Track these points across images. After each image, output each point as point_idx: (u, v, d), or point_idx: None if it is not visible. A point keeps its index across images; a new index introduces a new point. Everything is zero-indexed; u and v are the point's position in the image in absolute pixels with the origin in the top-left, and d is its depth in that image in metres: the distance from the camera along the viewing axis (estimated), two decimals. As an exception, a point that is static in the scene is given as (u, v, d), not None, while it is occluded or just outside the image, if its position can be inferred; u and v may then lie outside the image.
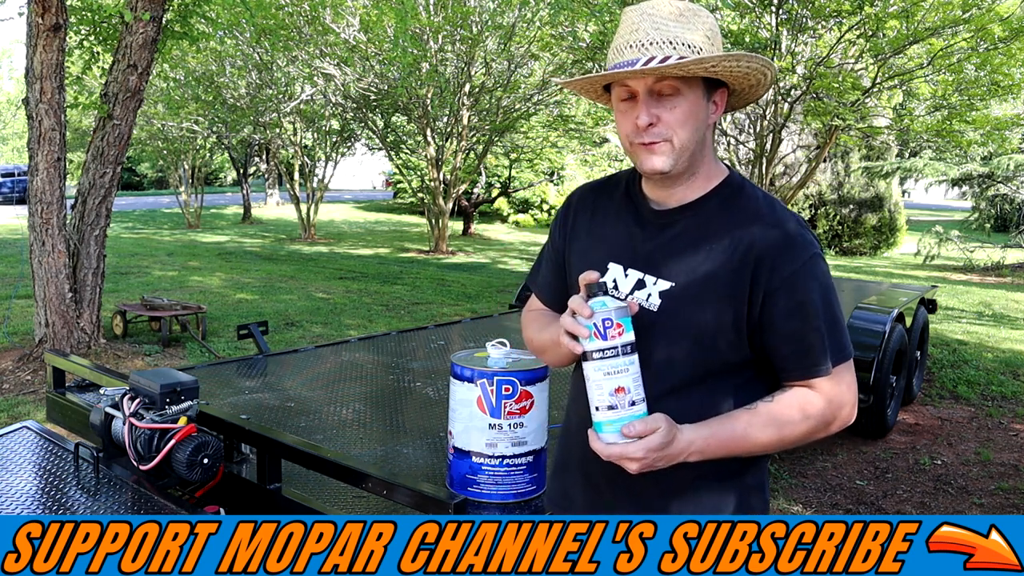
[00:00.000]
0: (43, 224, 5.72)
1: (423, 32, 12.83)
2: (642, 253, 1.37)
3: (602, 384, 1.23)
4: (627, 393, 1.22)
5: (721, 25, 9.70)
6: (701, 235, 1.33)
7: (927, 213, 31.85)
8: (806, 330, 1.29)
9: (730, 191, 1.36)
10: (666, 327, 1.32)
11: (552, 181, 23.24)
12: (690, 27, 1.27)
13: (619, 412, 1.22)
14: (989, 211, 17.68)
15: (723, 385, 1.33)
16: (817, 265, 1.30)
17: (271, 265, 12.97)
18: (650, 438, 1.21)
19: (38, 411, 4.79)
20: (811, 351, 1.29)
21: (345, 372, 3.47)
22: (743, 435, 1.28)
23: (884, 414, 4.81)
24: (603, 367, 1.22)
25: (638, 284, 1.36)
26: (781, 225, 1.30)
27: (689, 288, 1.31)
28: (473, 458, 1.94)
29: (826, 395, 1.30)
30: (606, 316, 1.22)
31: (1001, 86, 9.54)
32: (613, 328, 1.22)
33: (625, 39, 1.28)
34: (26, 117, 5.74)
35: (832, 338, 1.30)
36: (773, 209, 1.33)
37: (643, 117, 1.27)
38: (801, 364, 1.30)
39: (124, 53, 5.92)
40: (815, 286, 1.29)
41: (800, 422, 1.30)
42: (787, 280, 1.27)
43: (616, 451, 1.23)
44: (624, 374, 1.22)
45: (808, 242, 1.30)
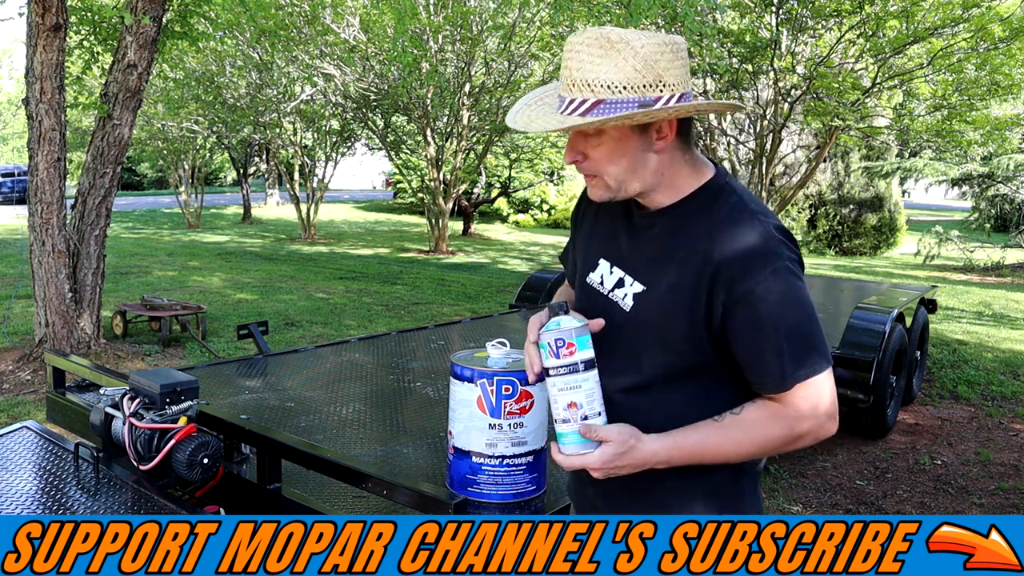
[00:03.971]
0: (43, 224, 5.73)
1: (423, 32, 12.83)
2: (625, 252, 1.40)
3: (557, 399, 1.30)
4: (579, 408, 1.28)
5: (721, 25, 9.70)
6: (670, 241, 1.33)
7: (927, 213, 31.86)
8: (764, 347, 1.26)
9: (709, 195, 1.34)
10: (636, 328, 1.35)
11: (552, 181, 23.25)
12: (616, 63, 1.22)
13: (572, 425, 1.29)
14: (989, 211, 17.66)
15: (693, 387, 1.34)
16: (781, 278, 1.24)
17: (271, 265, 12.97)
18: (604, 448, 1.26)
19: (38, 411, 4.79)
20: (769, 368, 1.27)
21: (345, 372, 3.47)
22: (708, 445, 1.29)
23: (884, 414, 4.81)
24: (557, 383, 1.29)
25: (619, 282, 1.39)
26: (747, 236, 1.27)
27: (655, 294, 1.33)
28: (473, 458, 1.94)
29: (792, 410, 1.28)
30: (558, 336, 1.29)
31: (1001, 86, 9.55)
32: (565, 347, 1.28)
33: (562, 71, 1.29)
34: (26, 117, 5.74)
35: (794, 354, 1.25)
36: (743, 217, 1.29)
37: (568, 155, 1.32)
38: (761, 380, 1.29)
39: (124, 53, 5.92)
40: (776, 300, 1.24)
41: (765, 435, 1.30)
42: (746, 294, 1.24)
43: (576, 462, 1.29)
44: (576, 390, 1.28)
45: (774, 254, 1.25)
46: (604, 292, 1.41)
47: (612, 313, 1.38)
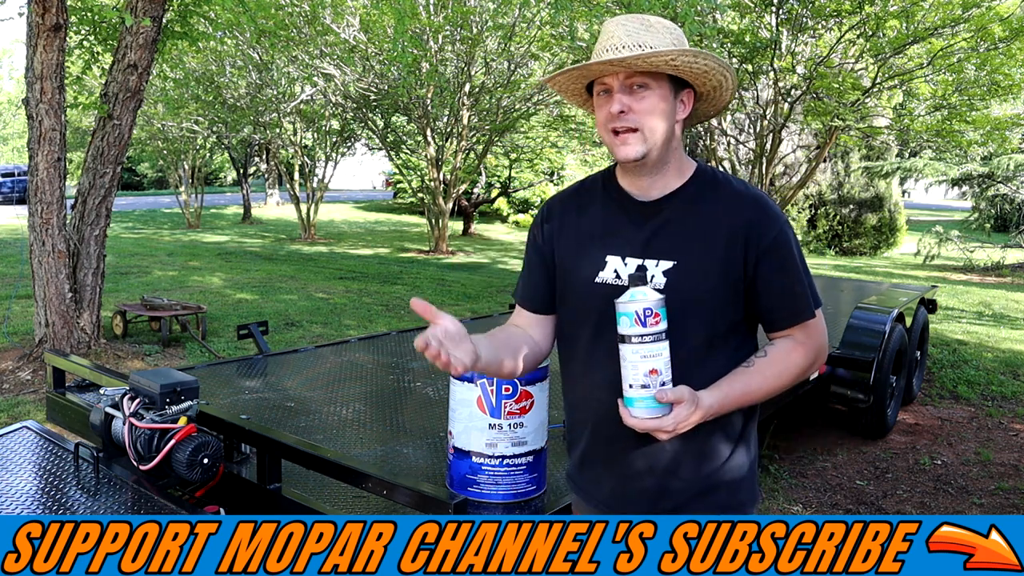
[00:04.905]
0: (43, 224, 5.72)
1: (423, 32, 12.83)
2: (638, 241, 1.51)
3: (638, 365, 1.37)
4: (659, 375, 1.37)
5: (721, 25, 9.70)
6: (691, 217, 1.50)
7: (927, 213, 31.86)
8: (793, 283, 1.49)
9: (706, 179, 1.54)
10: (673, 300, 1.43)
11: (552, 181, 23.24)
12: (658, 35, 1.44)
13: (650, 391, 1.37)
14: (989, 211, 17.66)
15: (725, 347, 1.50)
16: (790, 230, 1.52)
17: (271, 265, 12.97)
18: (678, 410, 1.36)
19: (38, 411, 4.79)
20: (799, 300, 1.50)
21: (345, 372, 3.47)
22: (750, 387, 1.46)
23: (884, 414, 4.80)
24: (641, 350, 1.36)
25: (639, 269, 1.49)
26: (757, 201, 1.51)
27: (690, 263, 1.47)
28: (473, 458, 1.94)
29: (811, 336, 1.51)
30: (647, 306, 1.36)
31: (1001, 86, 9.54)
32: (652, 317, 1.36)
33: (603, 44, 1.46)
34: (26, 117, 5.74)
35: (811, 290, 1.52)
36: (747, 188, 1.53)
37: (615, 105, 1.45)
38: (792, 312, 1.50)
39: (124, 53, 5.92)
40: (792, 248, 1.50)
41: (791, 368, 1.49)
42: (771, 244, 1.47)
43: (652, 424, 1.38)
44: (658, 358, 1.37)
45: (779, 213, 1.52)
46: (625, 283, 1.49)
47: None
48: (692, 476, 1.50)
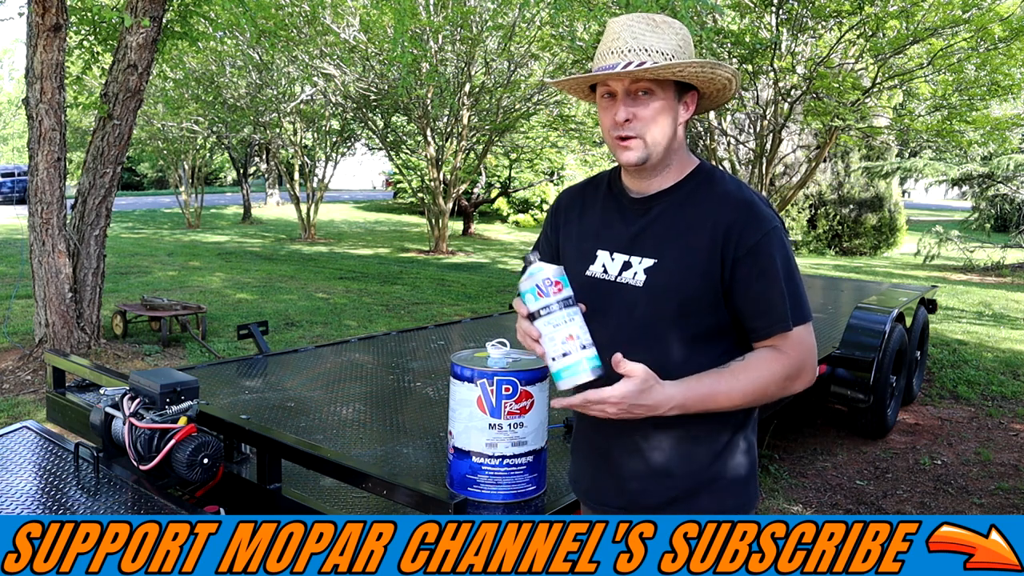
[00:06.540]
0: (43, 224, 5.72)
1: (423, 32, 12.83)
2: (625, 238, 1.52)
3: (554, 335, 1.36)
4: (577, 339, 1.34)
5: (721, 25, 9.70)
6: (677, 215, 1.49)
7: (927, 213, 31.86)
8: (771, 292, 1.43)
9: (702, 177, 1.52)
10: (652, 299, 1.45)
11: (552, 181, 23.23)
12: (664, 37, 1.44)
13: (573, 356, 1.34)
14: (989, 211, 17.65)
15: (710, 351, 1.46)
16: (777, 236, 1.45)
17: (271, 265, 12.97)
18: (626, 382, 1.32)
19: (38, 411, 4.79)
20: (774, 308, 1.43)
21: (345, 372, 3.47)
22: (718, 389, 1.40)
23: (884, 414, 4.80)
24: (552, 320, 1.36)
25: (624, 266, 1.50)
26: (745, 203, 1.46)
27: (669, 261, 1.46)
28: (473, 458, 1.94)
29: (790, 352, 1.43)
30: (545, 277, 1.37)
31: (1001, 86, 9.53)
32: (553, 286, 1.36)
33: (608, 46, 1.45)
34: (26, 117, 5.74)
35: (793, 300, 1.43)
36: (739, 190, 1.49)
37: (621, 113, 1.44)
38: (766, 321, 1.43)
39: (124, 53, 5.92)
40: (776, 254, 1.43)
41: (769, 376, 1.42)
42: (752, 249, 1.42)
43: (594, 395, 1.32)
44: (572, 323, 1.35)
45: (768, 217, 1.45)
46: (611, 278, 1.50)
47: (624, 294, 1.49)
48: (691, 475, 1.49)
